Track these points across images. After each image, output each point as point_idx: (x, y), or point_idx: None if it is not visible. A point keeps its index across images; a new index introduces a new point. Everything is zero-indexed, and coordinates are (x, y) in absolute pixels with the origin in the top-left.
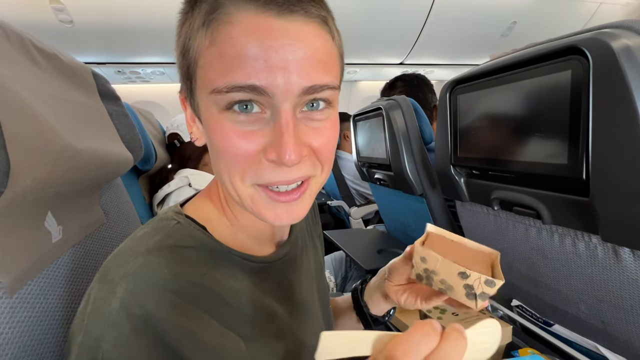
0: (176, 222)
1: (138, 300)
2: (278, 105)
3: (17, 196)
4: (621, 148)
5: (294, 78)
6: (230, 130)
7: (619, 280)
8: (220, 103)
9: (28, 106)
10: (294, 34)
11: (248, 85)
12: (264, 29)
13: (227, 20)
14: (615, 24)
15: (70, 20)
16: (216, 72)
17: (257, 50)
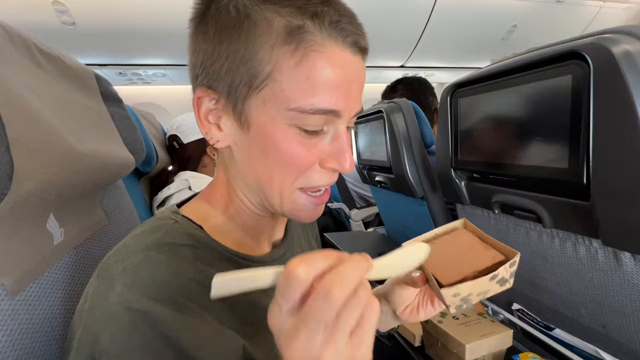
0: (174, 222)
1: (136, 294)
2: (341, 126)
3: (21, 198)
4: (622, 152)
5: (355, 107)
6: (298, 144)
7: (619, 284)
8: (295, 120)
9: (32, 109)
10: (359, 69)
11: (331, 110)
12: (346, 64)
13: (318, 50)
14: (615, 29)
15: (73, 22)
16: (300, 92)
17: (341, 82)
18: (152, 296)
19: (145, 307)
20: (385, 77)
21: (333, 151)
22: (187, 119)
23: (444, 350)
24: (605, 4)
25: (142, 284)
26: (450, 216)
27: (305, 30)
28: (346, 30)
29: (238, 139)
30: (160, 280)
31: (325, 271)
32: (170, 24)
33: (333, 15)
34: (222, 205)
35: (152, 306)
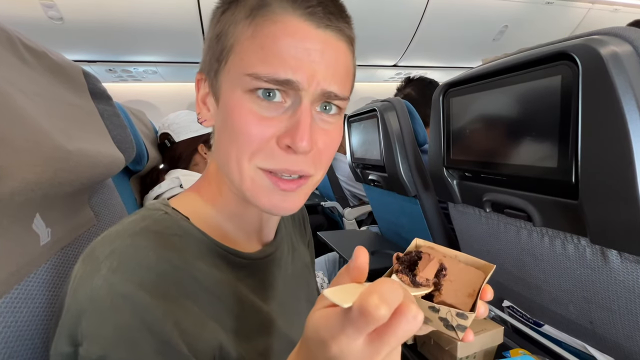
0: (163, 212)
1: (121, 278)
2: (301, 98)
3: (4, 198)
4: (609, 152)
5: (321, 81)
6: (250, 112)
7: (606, 281)
8: (249, 85)
9: (17, 106)
10: (327, 44)
11: (285, 79)
12: (304, 34)
13: (272, 19)
14: (604, 30)
15: (60, 17)
16: (256, 61)
17: (296, 50)
18: (136, 281)
19: (129, 291)
20: (378, 75)
21: (290, 126)
22: (179, 117)
23: (436, 348)
24: (593, 6)
25: (127, 268)
26: (442, 215)
27: (264, 5)
28: (307, 3)
29: (216, 116)
30: (146, 265)
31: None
32: (162, 19)
33: None
34: (212, 196)
35: (136, 291)
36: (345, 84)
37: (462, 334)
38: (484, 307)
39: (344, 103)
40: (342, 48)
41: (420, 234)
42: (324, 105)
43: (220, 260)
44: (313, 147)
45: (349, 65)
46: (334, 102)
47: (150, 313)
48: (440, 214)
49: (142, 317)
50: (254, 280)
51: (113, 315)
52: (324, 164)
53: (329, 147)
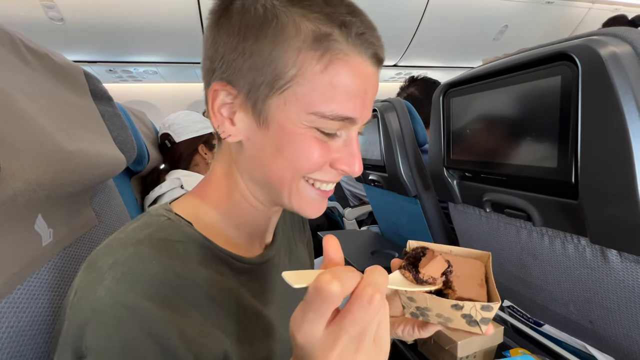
0: (166, 218)
1: (125, 289)
2: (352, 131)
3: (8, 199)
4: (609, 152)
5: (368, 114)
6: (315, 143)
7: (606, 281)
8: (315, 122)
9: (18, 107)
10: (376, 82)
11: (348, 117)
12: (365, 75)
13: (344, 59)
14: (603, 31)
15: (61, 18)
16: (322, 98)
17: (359, 91)
18: (140, 292)
19: (133, 303)
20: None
21: (344, 154)
22: (180, 117)
23: (437, 348)
24: (594, 6)
25: (131, 279)
26: (442, 215)
27: (333, 39)
28: (369, 42)
29: (252, 134)
30: (150, 275)
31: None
32: (162, 20)
33: (359, 27)
34: (217, 201)
35: (140, 302)
36: None
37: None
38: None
39: None
40: (378, 78)
41: (421, 234)
42: None
43: (223, 266)
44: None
45: None
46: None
47: (156, 323)
48: (440, 214)
49: (148, 328)
50: (255, 285)
51: (118, 327)
52: None
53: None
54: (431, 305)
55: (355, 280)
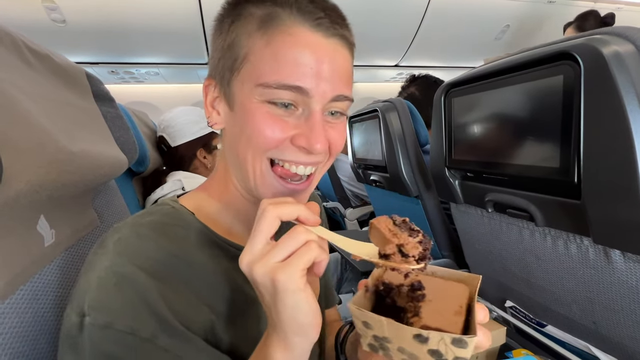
0: (170, 207)
1: (124, 261)
2: (313, 105)
3: (10, 200)
4: (612, 152)
5: (329, 86)
6: (269, 118)
7: (609, 281)
8: (266, 95)
9: (21, 108)
10: (333, 52)
11: (295, 86)
12: (314, 44)
13: (285, 31)
14: (606, 30)
15: (63, 20)
16: (269, 70)
17: (307, 60)
18: (137, 264)
19: (130, 272)
20: (380, 76)
21: (305, 130)
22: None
23: None
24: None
25: (130, 253)
26: (444, 215)
27: (275, 16)
28: (313, 13)
29: (228, 120)
30: (147, 252)
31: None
32: (164, 21)
33: (303, 3)
34: (219, 193)
35: (136, 273)
36: (349, 86)
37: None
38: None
39: (348, 104)
40: (346, 54)
41: None
42: (331, 112)
43: (219, 251)
44: (325, 147)
45: (351, 68)
46: (341, 104)
47: (148, 292)
48: (442, 214)
49: (142, 294)
50: None
51: (116, 291)
52: (336, 153)
53: (339, 141)
54: (390, 333)
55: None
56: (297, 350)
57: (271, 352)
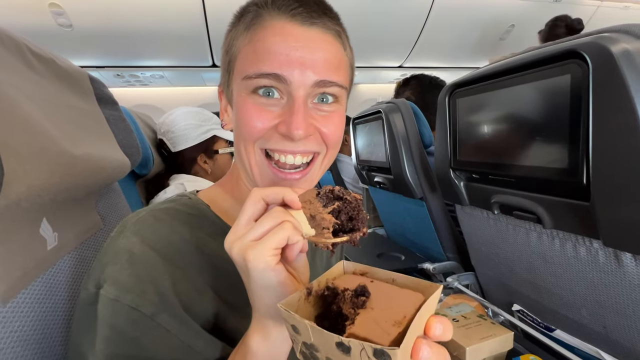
0: (187, 198)
1: (138, 240)
2: (293, 92)
3: (11, 204)
4: (622, 152)
5: (308, 72)
6: (253, 108)
7: (620, 285)
8: (249, 87)
9: (23, 111)
10: (312, 39)
11: (272, 73)
12: (289, 33)
13: (263, 25)
14: (614, 27)
15: (70, 25)
16: (249, 63)
17: (282, 48)
18: (149, 244)
19: (142, 250)
20: (383, 77)
21: (287, 117)
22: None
23: None
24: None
25: (144, 233)
26: (449, 217)
27: (256, 16)
28: (290, 7)
29: (232, 118)
30: (160, 233)
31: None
32: (168, 25)
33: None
34: (231, 188)
35: (148, 251)
36: (338, 73)
37: None
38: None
39: (340, 91)
40: (328, 40)
41: (427, 236)
42: (321, 97)
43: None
44: (307, 133)
45: (341, 56)
46: (328, 90)
47: (155, 269)
48: (447, 216)
49: (150, 272)
50: None
51: (128, 267)
52: (332, 143)
53: (332, 130)
54: (315, 340)
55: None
56: (273, 336)
57: (248, 338)
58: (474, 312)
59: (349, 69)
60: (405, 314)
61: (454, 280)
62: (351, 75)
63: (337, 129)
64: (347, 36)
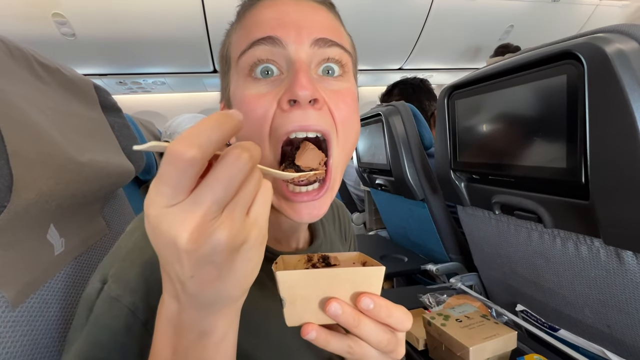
0: None
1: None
2: (292, 55)
3: (21, 210)
4: (619, 151)
5: (304, 31)
6: (251, 94)
7: (622, 283)
8: (244, 67)
9: (31, 120)
10: (305, 6)
11: (266, 37)
12: (280, 4)
13: (251, 5)
14: (608, 28)
15: (73, 34)
16: (242, 41)
17: (271, 13)
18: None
19: (150, 254)
20: (384, 79)
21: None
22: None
23: (448, 354)
24: (601, 3)
25: None
26: (451, 218)
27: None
28: None
29: None
30: None
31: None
32: (170, 32)
33: None
34: None
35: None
36: (337, 35)
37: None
38: (335, 304)
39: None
40: (323, 9)
41: (430, 238)
42: (326, 69)
43: None
44: (314, 92)
45: (336, 24)
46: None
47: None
48: (449, 217)
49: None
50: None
51: (136, 268)
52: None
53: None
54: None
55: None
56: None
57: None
58: (477, 312)
59: (350, 44)
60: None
61: (457, 281)
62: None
63: (347, 106)
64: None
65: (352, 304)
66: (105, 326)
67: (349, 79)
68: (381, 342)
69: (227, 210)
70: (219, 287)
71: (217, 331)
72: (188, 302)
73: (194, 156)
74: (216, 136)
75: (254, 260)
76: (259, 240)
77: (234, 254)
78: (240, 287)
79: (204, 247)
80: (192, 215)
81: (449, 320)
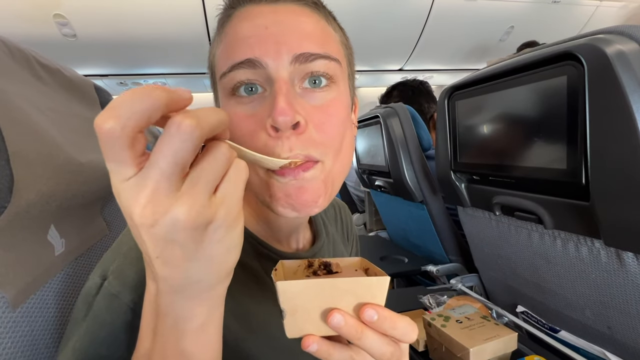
0: None
1: None
2: (273, 74)
3: (21, 211)
4: (619, 152)
5: (284, 47)
6: (237, 114)
7: (623, 284)
8: (227, 88)
9: (32, 121)
10: (284, 14)
11: (244, 60)
12: (256, 14)
13: (229, 22)
14: (609, 29)
15: (74, 34)
16: (223, 60)
17: (249, 30)
18: None
19: None
20: (384, 80)
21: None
22: None
23: (448, 355)
24: (602, 3)
25: None
26: (451, 220)
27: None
28: None
29: None
30: None
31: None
32: (170, 33)
33: None
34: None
35: None
36: (322, 45)
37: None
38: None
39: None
40: (305, 12)
41: (430, 239)
42: (312, 80)
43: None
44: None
45: (323, 27)
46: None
47: None
48: (448, 219)
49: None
50: None
51: (137, 265)
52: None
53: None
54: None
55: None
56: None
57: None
58: (478, 313)
59: (341, 45)
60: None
61: (458, 282)
62: (347, 54)
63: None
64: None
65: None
66: (105, 322)
67: (338, 87)
68: (384, 355)
69: (186, 185)
70: (188, 269)
71: (195, 318)
72: (162, 285)
73: (112, 127)
74: (140, 106)
75: (224, 242)
76: (228, 221)
77: (199, 233)
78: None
79: (160, 222)
80: (143, 189)
81: (449, 322)
